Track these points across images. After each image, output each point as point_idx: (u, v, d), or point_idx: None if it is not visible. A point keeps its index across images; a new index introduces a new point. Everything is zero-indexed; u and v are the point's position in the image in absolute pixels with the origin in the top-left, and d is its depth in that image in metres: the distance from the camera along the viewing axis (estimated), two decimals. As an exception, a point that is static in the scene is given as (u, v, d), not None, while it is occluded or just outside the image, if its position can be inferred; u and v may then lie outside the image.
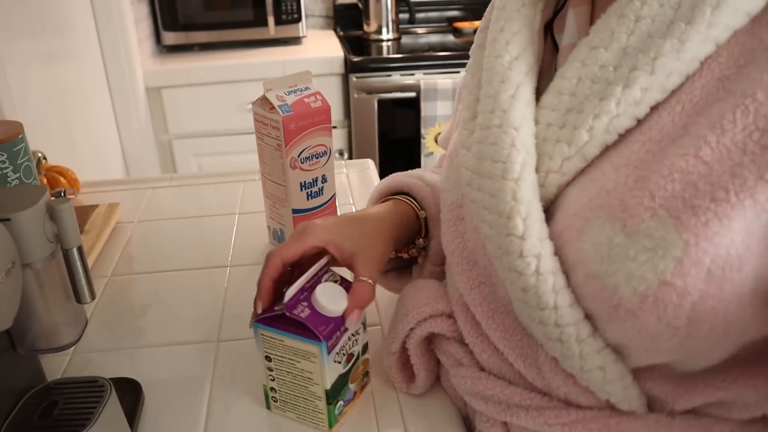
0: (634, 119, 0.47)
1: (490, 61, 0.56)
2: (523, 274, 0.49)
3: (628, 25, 0.47)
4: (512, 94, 0.53)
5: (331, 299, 0.58)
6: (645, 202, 0.43)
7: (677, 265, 0.42)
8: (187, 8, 2.21)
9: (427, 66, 2.12)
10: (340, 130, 2.24)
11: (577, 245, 0.47)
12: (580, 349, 0.49)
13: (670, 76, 0.45)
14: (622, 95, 0.46)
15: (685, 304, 0.43)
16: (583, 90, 0.49)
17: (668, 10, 0.45)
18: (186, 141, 2.19)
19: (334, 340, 0.57)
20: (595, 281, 0.46)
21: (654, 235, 0.43)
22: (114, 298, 0.85)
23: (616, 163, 0.47)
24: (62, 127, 1.53)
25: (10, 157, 0.85)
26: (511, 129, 0.51)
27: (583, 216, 0.47)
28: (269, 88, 0.84)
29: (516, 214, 0.50)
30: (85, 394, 0.56)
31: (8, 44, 1.23)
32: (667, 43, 0.44)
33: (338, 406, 0.61)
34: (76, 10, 1.73)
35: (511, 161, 0.51)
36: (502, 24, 0.57)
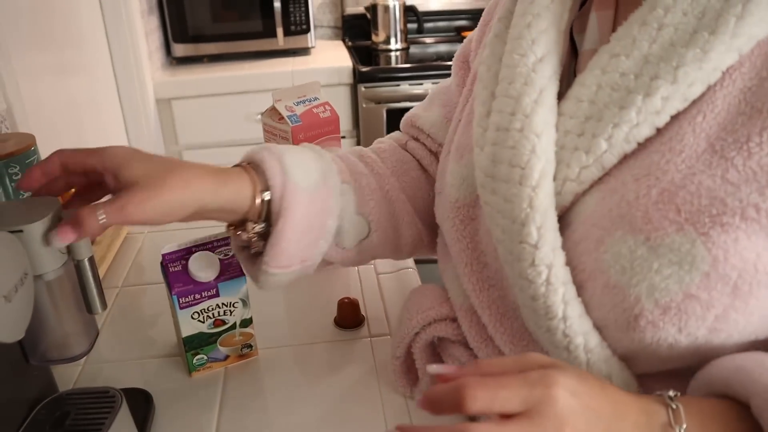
0: (654, 128, 0.46)
1: (513, 58, 0.54)
2: (533, 282, 0.49)
3: (650, 33, 0.46)
4: (535, 98, 0.51)
5: (201, 266, 0.67)
6: (670, 216, 0.43)
7: (703, 279, 0.42)
8: (196, 20, 2.23)
9: (436, 75, 2.12)
10: (349, 139, 2.24)
11: (596, 255, 0.47)
12: (588, 358, 0.48)
13: (692, 85, 0.44)
14: (642, 104, 0.45)
15: (709, 316, 0.42)
16: (602, 98, 0.48)
17: (692, 19, 0.44)
18: (196, 152, 2.20)
19: (190, 299, 0.66)
20: (614, 291, 0.45)
21: (680, 249, 0.42)
22: (125, 308, 0.85)
23: (636, 173, 0.46)
24: (74, 139, 1.54)
25: (22, 169, 0.86)
26: (533, 135, 0.50)
27: (603, 226, 0.47)
28: (278, 99, 0.85)
29: (531, 222, 0.49)
30: (96, 404, 0.56)
31: (21, 57, 1.24)
32: (689, 52, 0.44)
33: (199, 358, 0.70)
34: (87, 23, 1.75)
35: (530, 168, 0.50)
36: (530, 20, 0.54)
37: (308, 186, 0.60)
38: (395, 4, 2.36)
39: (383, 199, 0.68)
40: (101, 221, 0.48)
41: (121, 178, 0.51)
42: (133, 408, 0.59)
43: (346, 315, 0.78)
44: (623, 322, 0.46)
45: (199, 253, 0.68)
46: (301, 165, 0.61)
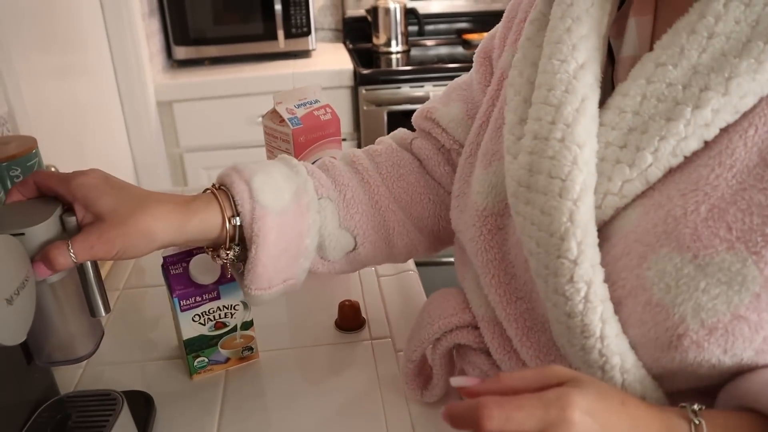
0: (702, 141, 0.44)
1: (553, 64, 0.51)
2: (570, 299, 0.47)
3: (700, 42, 0.44)
4: (577, 107, 0.49)
5: (201, 269, 0.67)
6: (721, 234, 0.42)
7: (753, 300, 0.41)
8: (197, 23, 2.23)
9: (437, 78, 2.12)
10: (350, 142, 2.24)
11: (638, 272, 0.45)
12: (623, 379, 0.47)
13: (744, 97, 0.42)
14: (692, 116, 0.43)
15: (757, 338, 0.41)
16: (647, 109, 0.46)
17: (745, 28, 0.42)
18: (197, 154, 2.21)
19: (191, 302, 0.67)
20: (657, 309, 0.44)
21: (730, 269, 0.41)
22: (126, 311, 0.86)
23: (683, 188, 0.44)
24: (75, 142, 1.54)
25: (24, 172, 0.86)
26: (575, 146, 0.48)
27: (647, 242, 0.45)
28: (279, 102, 0.85)
29: (571, 237, 0.47)
30: (97, 407, 0.56)
31: (23, 60, 1.25)
32: (743, 62, 0.42)
33: (200, 360, 0.70)
34: (88, 25, 1.75)
35: (571, 180, 0.47)
36: (569, 23, 0.51)
37: (279, 208, 0.59)
38: (396, 7, 2.37)
39: (371, 210, 0.67)
40: (72, 259, 0.50)
41: (90, 210, 0.52)
42: (134, 410, 0.59)
43: (346, 317, 0.78)
44: (665, 341, 0.44)
45: (199, 255, 0.68)
46: (270, 186, 0.60)
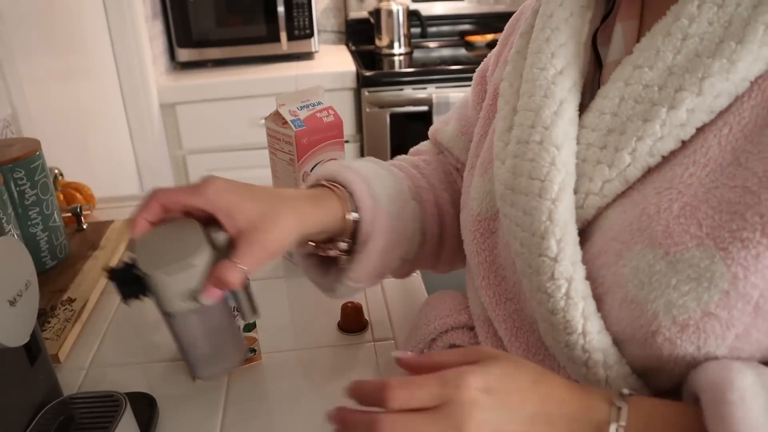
0: (679, 141, 0.45)
1: (533, 72, 0.54)
2: (552, 296, 0.48)
3: (674, 44, 0.45)
4: (555, 110, 0.51)
5: None
6: (691, 231, 0.42)
7: (723, 297, 0.41)
8: (200, 25, 2.24)
9: (439, 80, 2.12)
10: (353, 144, 2.24)
11: (615, 269, 0.46)
12: (606, 375, 0.47)
13: (718, 97, 0.43)
14: (667, 117, 0.44)
15: (728, 335, 0.42)
16: (625, 110, 0.47)
17: (718, 29, 0.43)
18: (200, 156, 2.21)
19: None
20: (632, 306, 0.45)
21: (699, 265, 0.41)
22: (128, 313, 0.86)
23: (658, 186, 0.45)
24: (78, 144, 1.55)
25: (27, 174, 0.86)
26: (553, 147, 0.50)
27: (623, 239, 0.46)
28: (282, 103, 0.85)
29: (550, 235, 0.48)
30: (100, 408, 0.56)
31: (26, 63, 1.25)
32: (716, 62, 0.42)
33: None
34: (91, 28, 1.76)
35: (549, 180, 0.49)
36: (548, 33, 0.54)
37: (393, 213, 0.64)
38: (399, 9, 2.37)
39: (438, 212, 0.70)
40: (245, 273, 0.51)
41: (238, 222, 0.53)
42: (137, 412, 0.59)
43: (349, 319, 0.78)
44: (641, 337, 0.45)
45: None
46: (385, 190, 0.64)
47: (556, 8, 0.55)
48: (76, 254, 0.96)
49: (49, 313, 0.81)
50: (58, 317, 0.80)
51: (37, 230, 0.89)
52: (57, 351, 0.74)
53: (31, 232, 0.88)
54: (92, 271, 0.91)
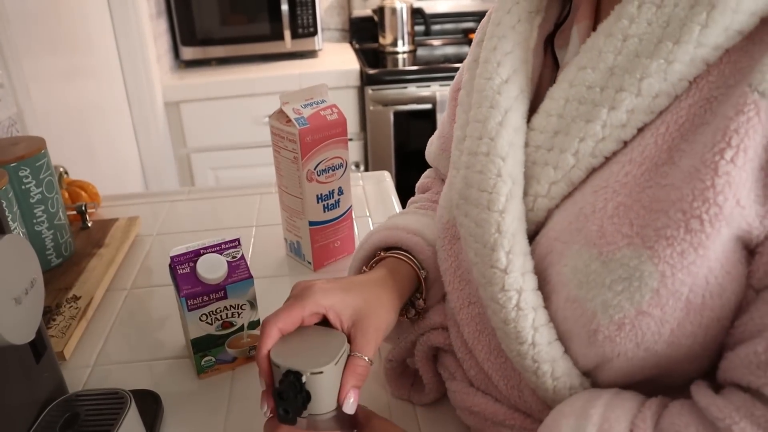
0: (620, 142, 0.45)
1: (480, 82, 0.55)
2: (504, 307, 0.49)
3: (615, 44, 0.45)
4: (500, 120, 0.52)
5: (208, 268, 0.67)
6: (623, 230, 0.42)
7: (654, 296, 0.41)
8: (204, 23, 2.24)
9: (443, 78, 2.12)
10: (356, 142, 2.24)
11: (558, 268, 0.47)
12: (554, 386, 0.48)
13: (657, 97, 0.43)
14: (607, 117, 0.45)
15: (664, 331, 0.42)
16: (570, 111, 0.47)
17: (656, 29, 0.43)
18: (204, 154, 2.21)
19: (198, 301, 0.66)
20: (575, 305, 0.45)
21: (629, 264, 0.42)
22: (133, 310, 0.86)
23: (595, 185, 0.46)
24: (83, 142, 1.55)
25: (33, 172, 0.87)
26: (498, 158, 0.50)
27: (564, 239, 0.47)
28: (286, 102, 0.85)
29: (500, 247, 0.49)
30: (105, 405, 0.57)
31: (31, 62, 1.25)
32: (653, 63, 0.43)
33: (207, 360, 0.70)
34: (96, 27, 1.76)
35: (497, 192, 0.50)
36: (495, 42, 0.55)
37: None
38: (402, 7, 2.37)
39: None
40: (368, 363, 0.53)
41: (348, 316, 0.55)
42: (142, 409, 0.60)
43: (353, 317, 0.78)
44: (584, 335, 0.45)
45: (207, 255, 0.68)
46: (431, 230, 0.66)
47: (503, 15, 0.55)
48: (81, 252, 0.96)
49: (55, 311, 0.81)
50: (63, 315, 0.80)
51: (43, 228, 0.89)
52: (62, 348, 0.74)
53: (36, 230, 0.89)
54: (97, 269, 0.91)
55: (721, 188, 0.38)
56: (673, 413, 0.42)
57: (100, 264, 0.93)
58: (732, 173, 0.38)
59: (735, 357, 0.41)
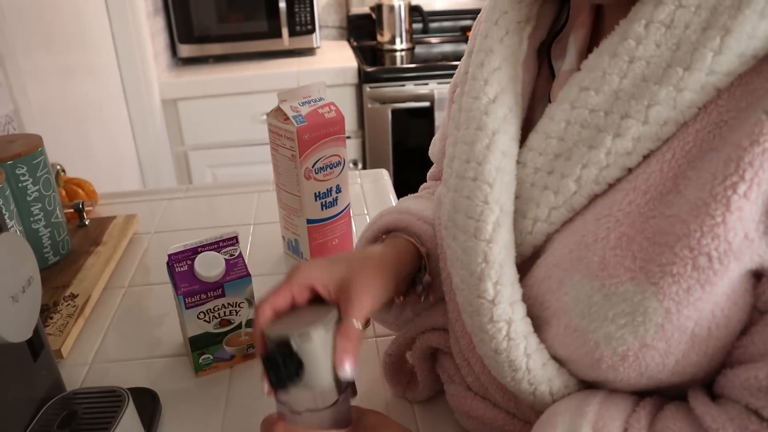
0: (625, 169, 0.43)
1: (467, 101, 0.52)
2: (494, 338, 0.48)
3: (621, 66, 0.42)
4: (487, 144, 0.49)
5: (206, 266, 0.67)
6: (626, 264, 0.41)
7: (658, 331, 0.40)
8: (202, 21, 2.23)
9: (441, 75, 2.12)
10: (354, 140, 2.24)
11: (558, 295, 0.46)
12: (553, 399, 0.48)
13: (665, 125, 0.41)
14: (612, 145, 0.43)
15: (668, 362, 0.42)
16: (571, 135, 0.45)
17: (665, 52, 0.40)
18: (201, 152, 2.21)
19: (196, 299, 0.66)
20: (576, 334, 0.45)
21: (632, 299, 0.40)
22: (131, 308, 0.86)
23: (598, 213, 0.44)
24: (80, 140, 1.55)
25: (29, 170, 0.86)
26: (485, 185, 0.48)
27: (564, 267, 0.45)
28: (283, 99, 0.85)
29: (486, 278, 0.48)
30: (103, 403, 0.57)
31: (28, 59, 1.25)
32: (662, 90, 0.40)
33: (205, 357, 0.70)
34: (93, 24, 1.76)
35: (483, 220, 0.48)
36: (482, 57, 0.52)
37: None
38: (400, 4, 2.37)
39: None
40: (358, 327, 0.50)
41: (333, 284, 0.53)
42: (139, 407, 0.59)
43: (351, 315, 0.78)
44: (587, 362, 0.45)
45: (205, 253, 0.68)
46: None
47: (491, 27, 0.52)
48: (79, 250, 0.96)
49: (52, 309, 0.81)
50: (60, 313, 0.80)
51: (40, 226, 0.89)
52: (60, 346, 0.74)
53: (33, 228, 0.89)
54: (94, 267, 0.91)
55: (732, 225, 0.36)
56: (668, 417, 0.42)
57: (97, 262, 0.93)
58: (744, 208, 0.36)
59: (735, 378, 0.41)
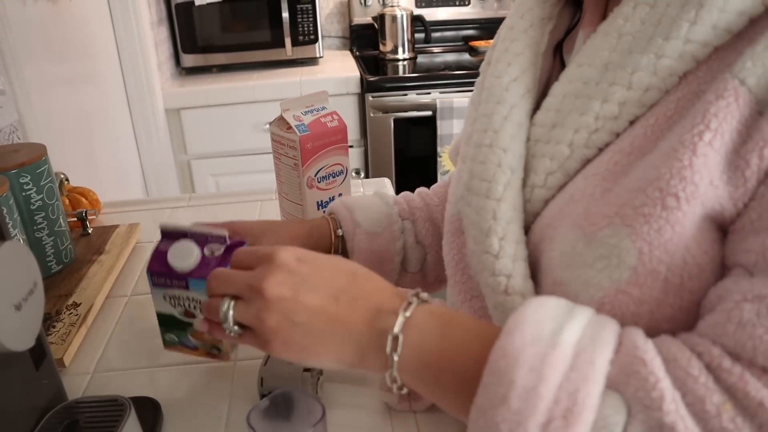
0: (613, 134, 0.47)
1: (490, 80, 0.57)
2: (494, 291, 0.50)
3: (611, 42, 0.47)
4: (505, 115, 0.54)
5: (177, 256, 0.65)
6: (604, 210, 0.44)
7: (632, 274, 0.42)
8: (205, 31, 2.25)
9: (443, 85, 2.13)
10: (357, 149, 2.25)
11: (549, 253, 0.48)
12: None
13: (648, 91, 0.45)
14: (600, 109, 0.47)
15: (643, 312, 0.43)
16: (566, 105, 0.50)
17: (649, 27, 0.45)
18: (204, 161, 2.22)
19: (162, 281, 0.66)
20: (560, 288, 0.47)
21: (609, 242, 0.43)
22: (133, 317, 0.86)
23: (585, 173, 0.48)
24: (84, 149, 1.55)
25: (33, 179, 0.87)
26: (500, 150, 0.53)
27: (554, 225, 0.49)
28: (286, 109, 0.85)
29: (493, 233, 0.51)
30: (105, 412, 0.56)
31: (33, 69, 1.26)
32: (644, 57, 0.45)
33: (170, 336, 0.70)
34: (97, 34, 1.77)
35: (495, 181, 0.52)
36: (508, 44, 0.58)
37: (372, 230, 0.74)
38: (403, 14, 2.38)
39: (432, 225, 0.78)
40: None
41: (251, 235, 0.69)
42: (141, 417, 0.59)
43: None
44: None
45: (182, 241, 0.65)
46: (368, 214, 0.76)
47: (517, 20, 0.59)
48: (82, 259, 0.96)
49: (55, 318, 0.81)
50: (63, 321, 0.80)
51: (43, 235, 0.89)
52: (62, 355, 0.74)
53: (36, 236, 0.89)
54: (97, 276, 0.91)
55: (698, 168, 0.40)
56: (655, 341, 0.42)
57: (100, 271, 0.93)
58: (709, 155, 0.39)
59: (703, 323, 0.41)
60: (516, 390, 0.37)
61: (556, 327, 0.39)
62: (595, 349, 0.38)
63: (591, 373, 0.37)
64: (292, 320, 0.45)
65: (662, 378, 0.36)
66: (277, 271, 0.46)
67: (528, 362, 0.38)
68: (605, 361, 0.38)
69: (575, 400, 0.36)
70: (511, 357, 0.38)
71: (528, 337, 0.39)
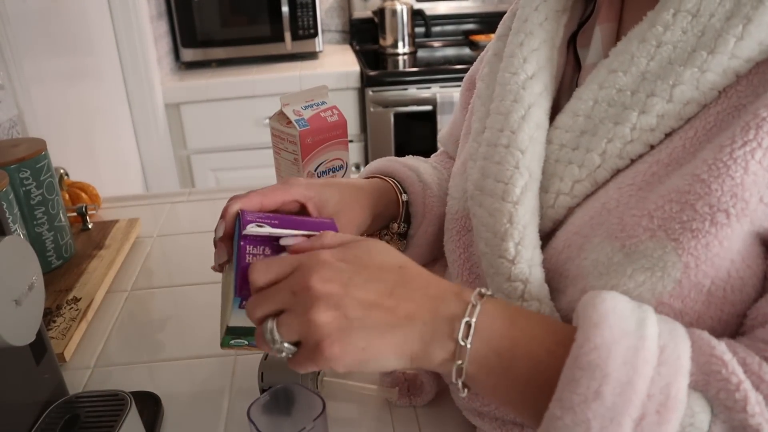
0: (647, 145, 0.46)
1: (505, 76, 0.55)
2: (510, 297, 0.49)
3: (648, 50, 0.46)
4: (523, 114, 0.52)
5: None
6: (643, 223, 0.43)
7: (676, 287, 0.42)
8: (205, 25, 2.24)
9: (443, 79, 2.12)
10: (357, 143, 2.24)
11: (578, 261, 0.47)
12: None
13: (688, 104, 0.44)
14: (637, 120, 0.46)
15: (683, 324, 0.42)
16: (598, 113, 0.48)
17: (691, 38, 0.44)
18: (204, 156, 2.22)
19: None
20: None
21: (652, 255, 0.42)
22: (134, 312, 0.86)
23: (620, 182, 0.47)
24: (84, 144, 1.55)
25: (33, 174, 0.87)
26: (518, 151, 0.51)
27: (584, 233, 0.47)
28: (286, 103, 0.85)
29: (509, 238, 0.49)
30: (105, 407, 0.57)
31: (32, 64, 1.26)
32: (687, 71, 0.43)
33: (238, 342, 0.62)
34: (97, 29, 1.76)
35: (512, 183, 0.51)
36: (522, 38, 0.56)
37: (442, 193, 0.69)
38: (403, 8, 2.37)
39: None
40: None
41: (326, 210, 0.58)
42: (142, 411, 0.60)
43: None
44: None
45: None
46: (434, 179, 0.71)
47: (531, 12, 0.56)
48: (82, 254, 0.96)
49: (55, 313, 0.81)
50: (63, 316, 0.80)
51: (43, 230, 0.89)
52: (62, 350, 0.74)
53: (36, 231, 0.89)
54: (97, 271, 0.91)
55: (749, 185, 0.39)
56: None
57: (100, 265, 0.93)
58: (759, 173, 0.39)
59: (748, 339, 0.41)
60: (610, 384, 0.36)
61: (638, 321, 0.39)
62: (677, 344, 0.38)
63: (679, 367, 0.37)
64: (346, 315, 0.41)
65: (744, 380, 0.37)
66: (321, 268, 0.42)
67: (621, 355, 0.37)
68: (688, 357, 0.38)
69: (668, 394, 0.36)
70: (604, 350, 0.37)
71: (617, 330, 0.38)
